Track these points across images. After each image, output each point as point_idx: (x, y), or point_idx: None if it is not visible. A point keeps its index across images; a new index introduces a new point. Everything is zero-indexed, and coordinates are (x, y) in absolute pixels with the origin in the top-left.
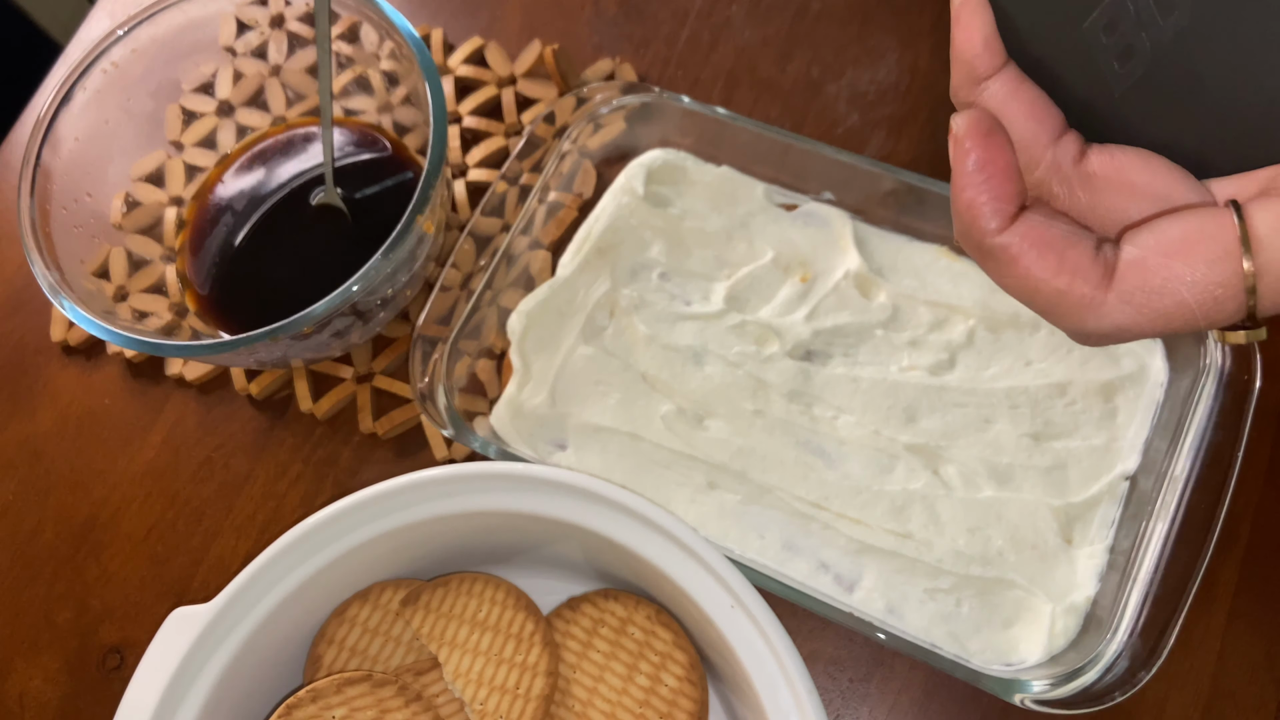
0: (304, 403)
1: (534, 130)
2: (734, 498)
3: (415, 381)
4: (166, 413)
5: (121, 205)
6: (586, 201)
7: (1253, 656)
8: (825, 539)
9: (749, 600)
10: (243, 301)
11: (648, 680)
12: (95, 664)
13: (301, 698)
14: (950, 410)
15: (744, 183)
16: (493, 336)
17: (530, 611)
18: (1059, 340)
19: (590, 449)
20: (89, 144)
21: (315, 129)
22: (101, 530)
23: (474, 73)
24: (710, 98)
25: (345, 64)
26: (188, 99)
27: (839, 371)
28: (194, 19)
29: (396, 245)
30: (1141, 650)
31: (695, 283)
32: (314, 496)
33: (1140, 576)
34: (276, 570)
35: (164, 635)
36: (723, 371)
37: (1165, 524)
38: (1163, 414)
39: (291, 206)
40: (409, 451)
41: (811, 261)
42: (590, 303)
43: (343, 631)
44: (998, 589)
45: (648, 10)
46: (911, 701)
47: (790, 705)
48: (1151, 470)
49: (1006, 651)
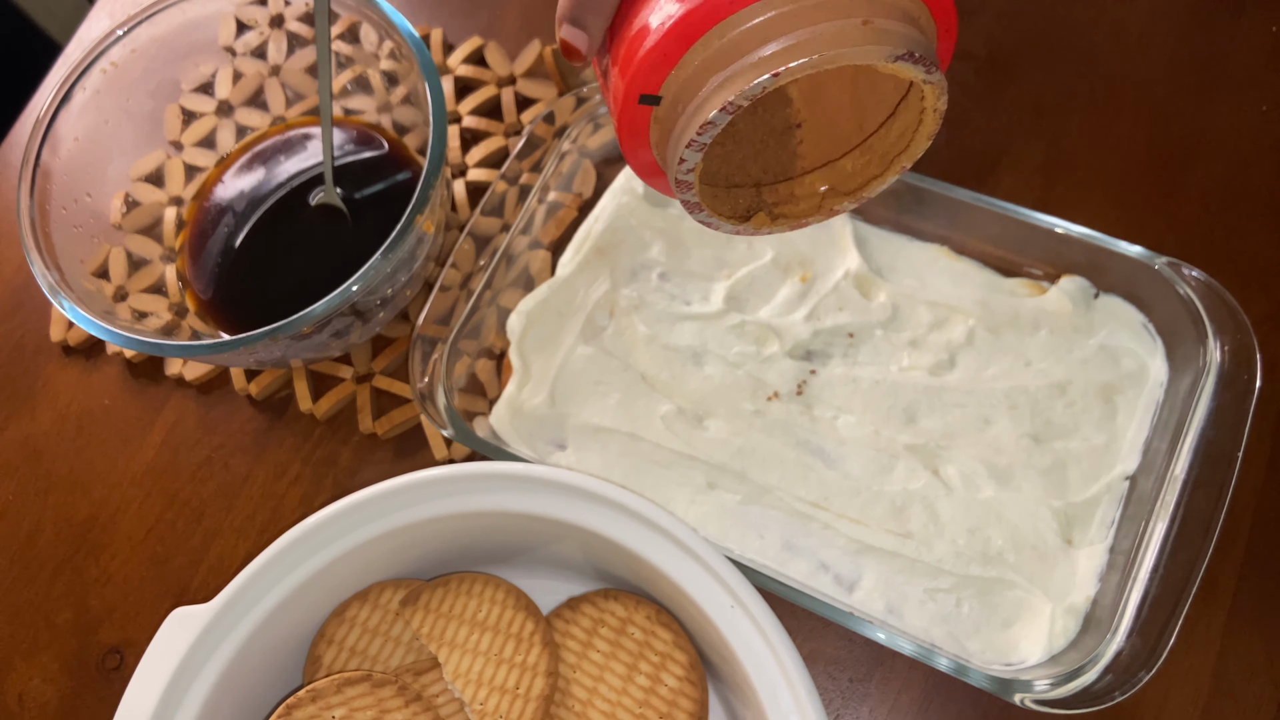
0: (304, 403)
1: (534, 130)
2: (734, 498)
3: (415, 381)
4: (166, 413)
5: (121, 205)
6: (586, 201)
7: (1253, 656)
8: (825, 539)
9: (749, 600)
10: (242, 301)
11: (648, 680)
12: (95, 664)
13: (301, 698)
14: (950, 410)
15: None
16: (492, 336)
17: (530, 611)
18: (1059, 340)
19: (590, 449)
20: (89, 144)
21: (315, 129)
22: (101, 530)
23: (474, 73)
24: None
25: (345, 64)
26: (187, 99)
27: (839, 371)
28: (193, 19)
29: (396, 245)
30: (1141, 650)
31: (695, 283)
32: (313, 496)
33: (1140, 576)
34: (276, 570)
35: (164, 635)
36: (722, 371)
37: (1165, 524)
38: (1163, 414)
39: (291, 206)
40: (409, 451)
41: (811, 261)
42: (590, 303)
43: (343, 631)
44: (998, 589)
45: None
46: (911, 701)
47: (790, 705)
48: (1151, 470)
49: (1006, 651)
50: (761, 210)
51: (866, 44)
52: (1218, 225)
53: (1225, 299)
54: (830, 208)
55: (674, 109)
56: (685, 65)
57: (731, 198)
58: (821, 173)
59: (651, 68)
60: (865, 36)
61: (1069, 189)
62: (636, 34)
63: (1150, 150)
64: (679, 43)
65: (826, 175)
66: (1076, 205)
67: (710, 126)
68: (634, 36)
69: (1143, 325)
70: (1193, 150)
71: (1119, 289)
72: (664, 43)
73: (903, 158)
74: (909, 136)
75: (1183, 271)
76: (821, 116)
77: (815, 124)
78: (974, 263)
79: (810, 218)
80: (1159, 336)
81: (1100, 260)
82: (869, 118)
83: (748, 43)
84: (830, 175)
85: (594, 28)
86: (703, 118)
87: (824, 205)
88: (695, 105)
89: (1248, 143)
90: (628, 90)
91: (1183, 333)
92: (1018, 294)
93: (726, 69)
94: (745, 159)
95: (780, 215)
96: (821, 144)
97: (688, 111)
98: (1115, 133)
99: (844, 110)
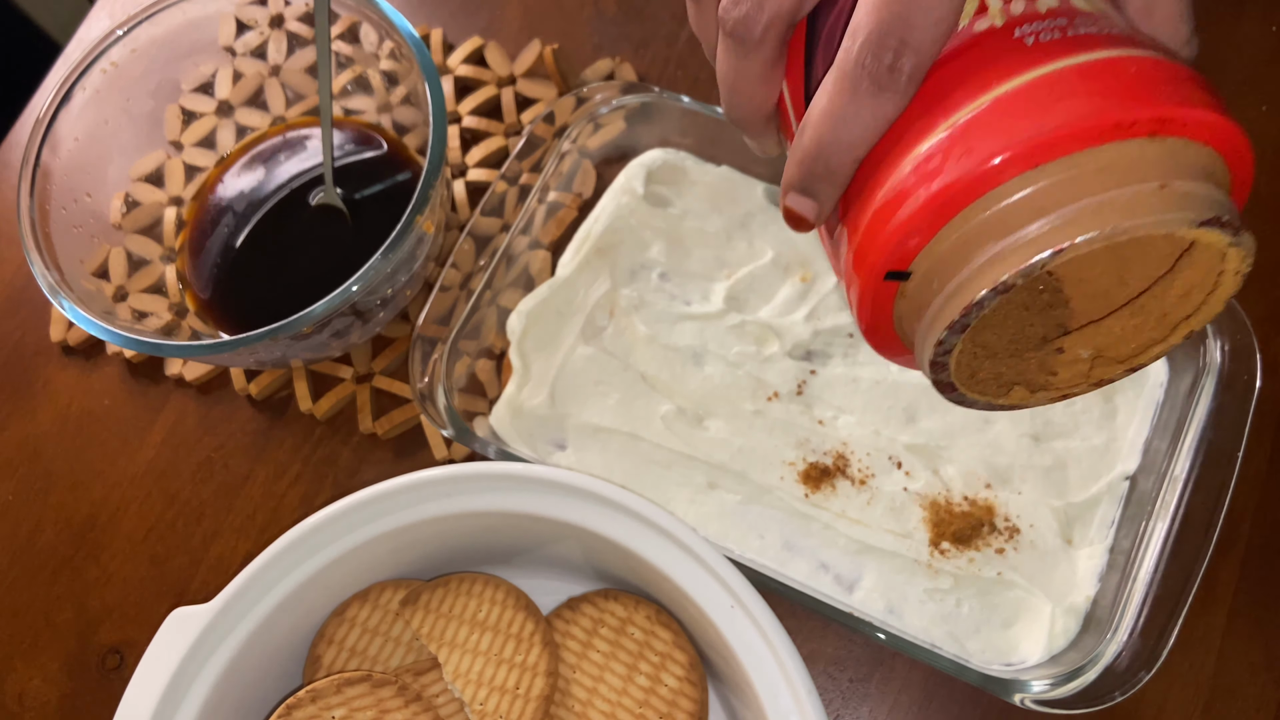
0: (304, 403)
1: (534, 130)
2: (734, 498)
3: (415, 381)
4: (166, 413)
5: (121, 205)
6: (586, 201)
7: (1253, 656)
8: (825, 539)
9: (749, 600)
10: (242, 301)
11: (648, 680)
12: (95, 664)
13: (301, 698)
14: (950, 410)
15: (744, 182)
16: (492, 336)
17: (530, 611)
18: None
19: (590, 449)
20: (89, 144)
21: (315, 129)
22: (101, 530)
23: (474, 73)
24: (710, 97)
25: (345, 64)
26: (187, 99)
27: (839, 371)
28: (194, 19)
29: (396, 245)
30: (1141, 650)
31: (695, 283)
32: (314, 496)
33: (1140, 576)
34: (276, 570)
35: (164, 635)
36: (722, 371)
37: (1165, 524)
38: (1163, 414)
39: (291, 206)
40: (409, 451)
41: (811, 261)
42: (590, 303)
43: (343, 631)
44: (997, 589)
45: (647, 10)
46: (911, 701)
47: (790, 705)
48: (1151, 470)
49: (1006, 651)
50: (1019, 385)
51: (1167, 213)
52: None
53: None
54: (1100, 377)
55: (927, 285)
56: (942, 239)
57: (985, 373)
58: (1085, 335)
59: (901, 241)
60: (1165, 204)
61: None
62: (884, 204)
63: None
64: (937, 216)
65: (1092, 339)
66: None
67: (977, 308)
68: (880, 207)
69: None
70: None
71: None
72: (919, 215)
73: (1191, 321)
74: (1197, 298)
75: None
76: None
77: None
78: None
79: (1076, 388)
80: None
81: None
82: (1134, 273)
83: (1019, 215)
84: (1096, 338)
85: (827, 198)
86: (968, 298)
87: (1092, 374)
88: (956, 284)
89: None
90: (872, 265)
91: None
92: None
93: (996, 244)
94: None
95: (1040, 388)
96: (1080, 305)
97: (946, 291)
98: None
99: (1103, 266)
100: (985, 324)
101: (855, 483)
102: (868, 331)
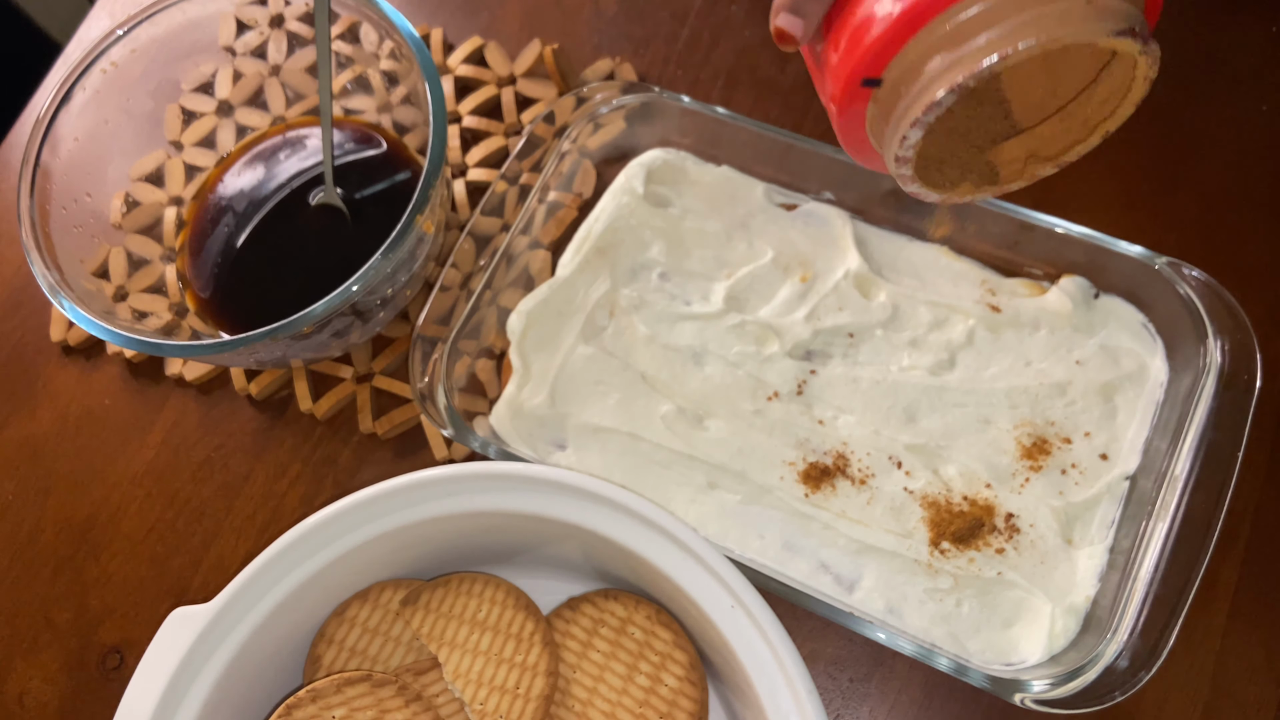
0: (304, 403)
1: (534, 130)
2: (734, 498)
3: (415, 381)
4: (166, 413)
5: (121, 205)
6: (586, 201)
7: (1253, 656)
8: (825, 539)
9: (749, 600)
10: (243, 301)
11: (648, 680)
12: (95, 664)
13: (301, 698)
14: (950, 410)
15: (744, 182)
16: (492, 336)
17: (530, 611)
18: (1059, 340)
19: (590, 449)
20: (89, 144)
21: (314, 129)
22: (101, 530)
23: (474, 72)
24: (710, 97)
25: (345, 64)
26: (187, 99)
27: (839, 371)
28: (193, 19)
29: (396, 245)
30: (1141, 650)
31: (695, 283)
32: (314, 496)
33: (1140, 576)
34: (276, 570)
35: (164, 635)
36: (722, 371)
37: (1165, 524)
38: (1163, 414)
39: (291, 206)
40: (409, 451)
41: (811, 261)
42: (590, 303)
43: (343, 631)
44: (997, 589)
45: (648, 10)
46: (911, 701)
47: (790, 705)
48: (1151, 470)
49: (1006, 651)
50: (967, 181)
51: (1090, 22)
52: (1218, 225)
53: (1225, 299)
54: (1033, 173)
55: (895, 91)
56: (909, 51)
57: (939, 171)
58: (1021, 140)
59: (876, 53)
60: (1088, 15)
61: (1069, 189)
62: (861, 22)
63: (1150, 150)
64: (905, 29)
65: (1026, 142)
66: (1076, 205)
67: (936, 106)
68: (858, 25)
69: (1143, 325)
70: (1192, 150)
71: (1119, 289)
72: (891, 30)
73: (1108, 123)
74: (1114, 102)
75: (1183, 271)
76: (1017, 86)
77: (1012, 94)
78: (974, 263)
79: (1014, 183)
80: (1159, 336)
81: (1100, 260)
82: (1064, 84)
83: (973, 28)
84: (1030, 142)
85: (812, 16)
86: (929, 98)
87: (1026, 171)
88: (920, 87)
89: (1248, 142)
90: (851, 73)
91: (1183, 333)
92: (1018, 294)
93: (953, 52)
94: (953, 134)
95: (986, 182)
96: (1018, 112)
97: (911, 93)
98: (1115, 132)
99: (1037, 78)
100: (941, 124)
101: (855, 483)
102: (842, 134)
